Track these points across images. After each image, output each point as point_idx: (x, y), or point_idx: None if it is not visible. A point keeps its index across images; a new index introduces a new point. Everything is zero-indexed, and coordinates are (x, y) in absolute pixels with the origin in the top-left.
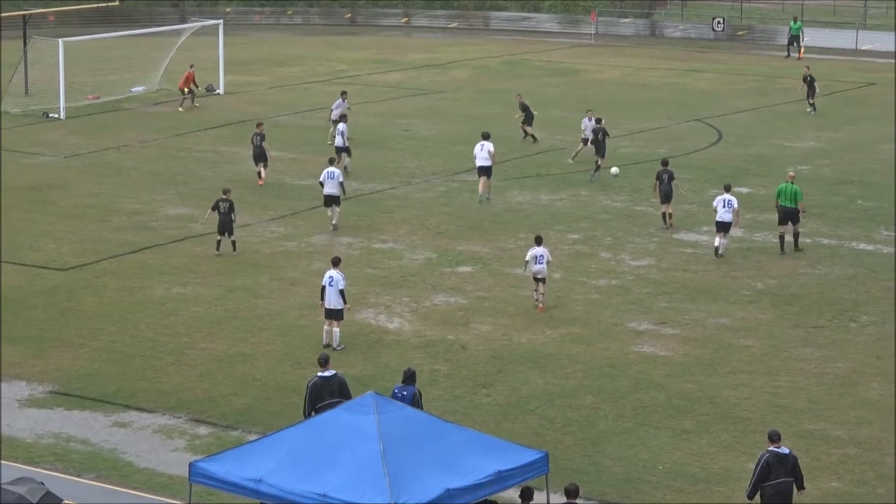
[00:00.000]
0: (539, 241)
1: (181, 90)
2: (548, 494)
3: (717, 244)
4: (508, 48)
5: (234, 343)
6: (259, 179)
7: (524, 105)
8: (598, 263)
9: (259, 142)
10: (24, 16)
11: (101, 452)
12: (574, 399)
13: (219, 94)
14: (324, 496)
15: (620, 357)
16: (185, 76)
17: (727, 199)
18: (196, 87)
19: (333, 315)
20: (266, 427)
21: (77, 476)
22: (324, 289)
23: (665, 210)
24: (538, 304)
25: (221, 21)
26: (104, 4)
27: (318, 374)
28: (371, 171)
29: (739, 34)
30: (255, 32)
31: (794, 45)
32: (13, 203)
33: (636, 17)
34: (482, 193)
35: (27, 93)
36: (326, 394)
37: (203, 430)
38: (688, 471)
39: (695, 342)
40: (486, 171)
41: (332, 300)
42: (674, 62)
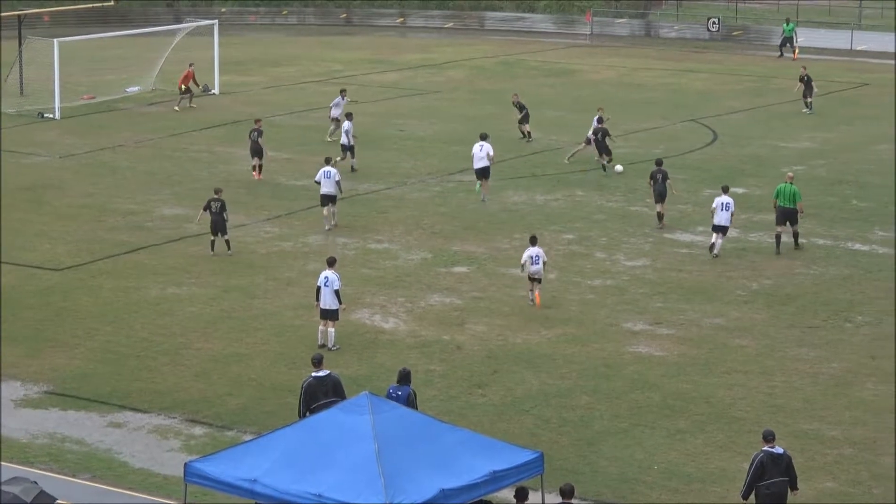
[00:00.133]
0: (534, 242)
1: (180, 88)
2: (543, 494)
3: (714, 245)
4: (504, 48)
5: (230, 343)
6: (255, 173)
7: (521, 104)
8: (594, 263)
9: (256, 137)
10: (20, 16)
11: (96, 453)
12: (569, 399)
13: (214, 95)
14: (319, 496)
15: (615, 357)
16: (185, 74)
17: (725, 202)
18: (197, 86)
19: (329, 315)
20: (261, 427)
21: (72, 476)
22: (319, 289)
23: (660, 210)
24: (532, 302)
25: (216, 21)
26: (99, 4)
27: (313, 375)
28: (367, 171)
29: (734, 34)
30: (250, 32)
31: (788, 46)
32: (8, 203)
33: (631, 18)
34: (484, 193)
35: (22, 93)
36: (321, 394)
37: (198, 431)
38: (683, 471)
39: (690, 342)
40: (485, 173)
41: (328, 300)
42: (669, 62)
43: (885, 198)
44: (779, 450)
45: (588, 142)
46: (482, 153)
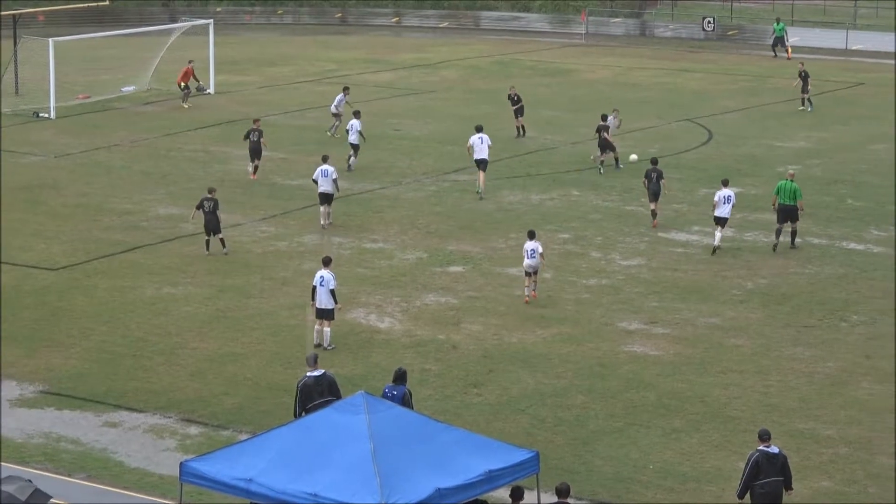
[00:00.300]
0: (532, 236)
1: (179, 85)
2: (538, 494)
3: (717, 240)
4: (499, 48)
5: (225, 343)
6: (252, 174)
7: (517, 97)
8: (589, 263)
9: (257, 137)
10: (14, 15)
11: (92, 452)
12: (565, 399)
13: (209, 94)
14: (314, 496)
15: (611, 357)
16: (184, 72)
17: (727, 195)
18: (197, 81)
19: (325, 315)
20: (257, 427)
21: (68, 476)
22: (315, 289)
23: (653, 208)
24: (527, 297)
25: (212, 21)
26: (94, 4)
27: (308, 374)
28: (362, 171)
29: (730, 34)
30: (246, 32)
31: (780, 46)
32: (4, 203)
33: (627, 17)
34: (482, 186)
35: (17, 92)
36: (317, 393)
37: (194, 430)
38: (678, 470)
39: (685, 342)
40: (485, 164)
41: (324, 300)
42: (664, 62)
43: (881, 197)
44: (774, 449)
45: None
46: (483, 144)
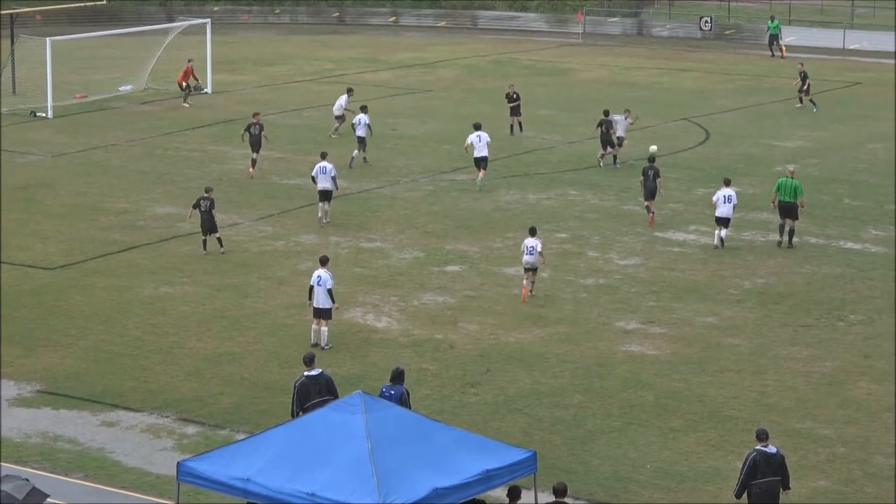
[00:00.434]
0: (533, 233)
1: (180, 85)
2: (536, 493)
3: (717, 239)
4: (496, 47)
5: (222, 342)
6: (250, 167)
7: (515, 94)
8: (586, 262)
9: (258, 131)
10: (12, 15)
11: (89, 452)
12: (562, 398)
13: (206, 93)
14: (312, 495)
15: (608, 356)
16: (184, 71)
17: (727, 195)
18: (196, 80)
19: (322, 314)
20: (254, 426)
21: (65, 475)
22: (312, 288)
23: (648, 204)
24: (529, 291)
25: (209, 20)
26: (91, 3)
27: (305, 374)
28: (359, 170)
29: (727, 33)
30: (243, 31)
31: (775, 45)
32: (1, 202)
33: (624, 17)
34: (480, 180)
35: (15, 92)
36: (314, 392)
37: (191, 430)
38: (675, 470)
39: (682, 341)
40: (485, 162)
41: (321, 299)
42: (661, 61)
43: (878, 197)
44: (772, 449)
45: (620, 141)
46: (482, 143)
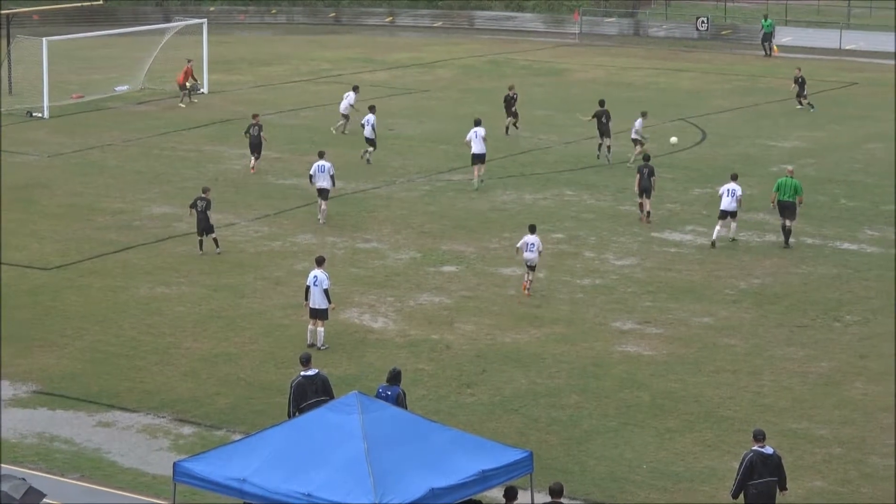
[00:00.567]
0: (532, 230)
1: (180, 85)
2: (532, 494)
3: (716, 234)
4: (493, 47)
5: (219, 343)
6: (251, 166)
7: (515, 98)
8: (583, 263)
9: (257, 132)
10: (9, 15)
11: (85, 452)
12: (558, 398)
13: (203, 93)
14: (308, 496)
15: (605, 356)
16: (184, 71)
17: (731, 189)
18: (195, 80)
19: (318, 314)
20: (250, 426)
21: (61, 476)
22: (308, 288)
23: (641, 202)
24: (526, 289)
25: (205, 20)
26: (88, 3)
27: (301, 374)
28: (355, 171)
29: (723, 34)
30: (239, 31)
31: (768, 43)
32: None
33: (620, 17)
34: (477, 179)
35: (11, 92)
36: (310, 392)
37: (187, 430)
38: (672, 470)
39: (679, 341)
40: (482, 158)
41: (317, 300)
42: (658, 61)
43: (875, 197)
44: (769, 450)
45: (635, 143)
46: (478, 138)
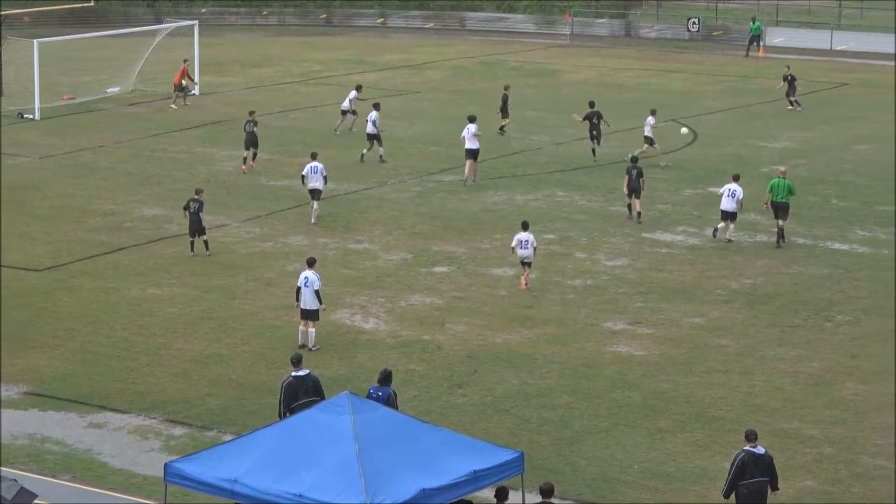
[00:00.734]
0: (525, 227)
1: (175, 85)
2: (523, 494)
3: (718, 228)
4: (484, 49)
5: (210, 344)
6: (244, 165)
7: (505, 99)
8: (574, 263)
9: (252, 128)
10: (0, 16)
11: (77, 453)
12: (549, 399)
13: (194, 95)
14: (299, 496)
15: (596, 357)
16: (180, 71)
17: (732, 189)
18: (191, 80)
19: (309, 315)
20: (241, 427)
21: (52, 477)
22: (299, 289)
23: (631, 202)
24: (523, 284)
25: (197, 22)
26: (79, 5)
27: (292, 374)
28: (346, 172)
29: (714, 34)
30: (231, 33)
31: (755, 45)
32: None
33: (611, 18)
34: (468, 176)
35: (2, 93)
36: (301, 393)
37: (178, 431)
38: (663, 470)
39: (670, 342)
40: (474, 154)
41: (308, 301)
42: (649, 62)
43: (866, 197)
44: (760, 450)
45: (649, 141)
46: (469, 134)
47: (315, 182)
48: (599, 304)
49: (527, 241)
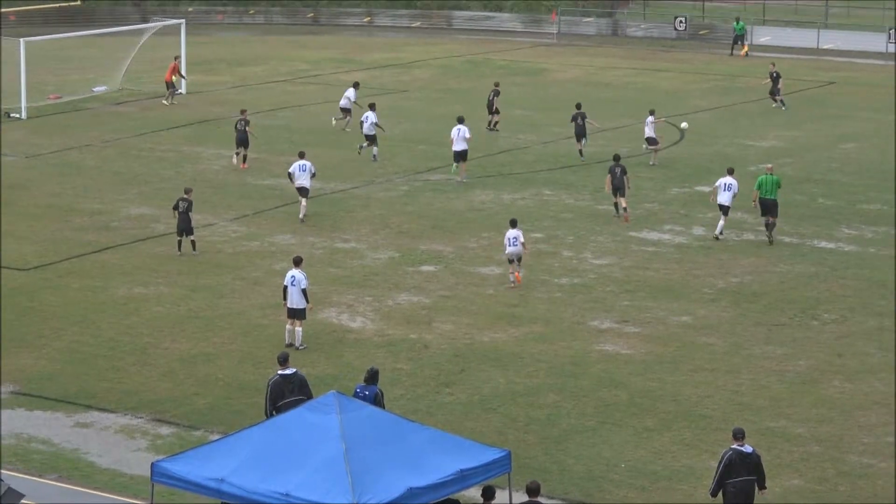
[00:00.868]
0: (513, 224)
1: (167, 83)
2: (510, 493)
3: (718, 228)
4: (471, 48)
5: (197, 343)
6: (239, 163)
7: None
8: (561, 262)
9: (243, 127)
10: None
11: (63, 453)
12: (536, 398)
13: (181, 94)
14: (286, 495)
15: (583, 355)
16: (171, 67)
17: (727, 183)
18: (183, 77)
19: (296, 314)
20: (228, 427)
21: (39, 476)
22: (286, 288)
23: (617, 201)
24: (513, 283)
25: (183, 20)
26: (66, 4)
27: (279, 373)
28: (333, 171)
29: (701, 33)
30: (218, 32)
31: (738, 44)
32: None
33: (598, 17)
34: (458, 174)
35: None
36: (287, 391)
37: (165, 430)
38: (650, 469)
39: (657, 340)
40: (464, 155)
41: (295, 300)
42: (636, 61)
43: (852, 196)
44: (748, 448)
45: (650, 141)
46: (460, 136)
47: (303, 180)
48: (586, 303)
49: (514, 239)
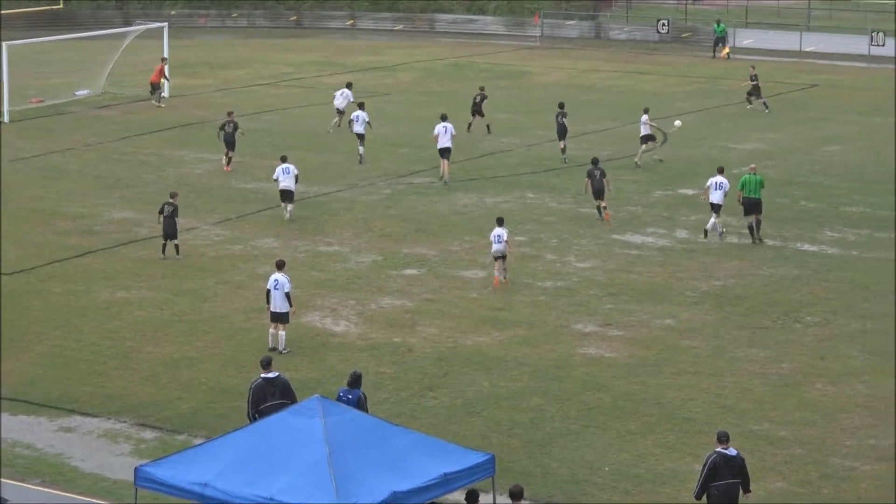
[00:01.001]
0: (500, 223)
1: (153, 84)
2: (494, 496)
3: (710, 225)
4: (454, 50)
5: (180, 347)
6: (226, 166)
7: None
8: (544, 265)
9: (232, 129)
10: None
11: (46, 457)
12: (520, 401)
13: (164, 97)
14: (270, 499)
15: (566, 359)
16: (157, 69)
17: (719, 182)
18: (167, 80)
19: (279, 318)
20: (212, 431)
21: (22, 481)
22: (269, 292)
23: (599, 204)
24: (501, 279)
25: (166, 24)
26: (48, 7)
27: (262, 376)
28: (316, 174)
29: (684, 36)
30: (200, 35)
31: (720, 47)
32: None
33: (581, 19)
34: (443, 174)
35: None
36: (269, 395)
37: (148, 435)
38: (633, 472)
39: (640, 343)
40: (448, 153)
41: (278, 303)
42: (619, 64)
43: (834, 199)
44: (732, 451)
45: (649, 139)
46: (447, 134)
47: (286, 182)
48: (570, 306)
49: (500, 236)
